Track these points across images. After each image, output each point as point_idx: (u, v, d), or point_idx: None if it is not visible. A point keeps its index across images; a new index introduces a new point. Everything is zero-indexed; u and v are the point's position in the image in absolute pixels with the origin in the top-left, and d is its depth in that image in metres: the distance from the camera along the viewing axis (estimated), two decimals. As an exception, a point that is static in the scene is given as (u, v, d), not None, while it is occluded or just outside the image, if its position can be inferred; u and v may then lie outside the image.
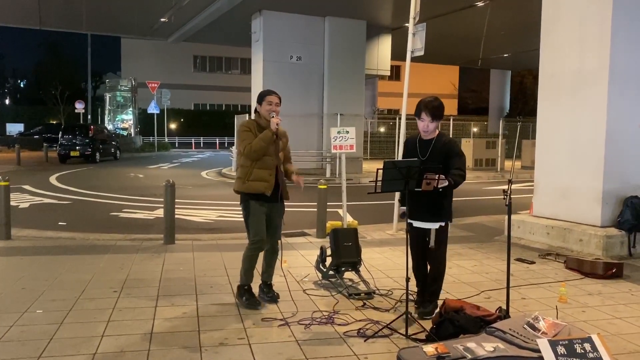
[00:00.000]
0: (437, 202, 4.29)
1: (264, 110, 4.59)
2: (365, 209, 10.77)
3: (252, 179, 4.48)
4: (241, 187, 4.54)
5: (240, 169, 4.58)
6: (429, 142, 4.36)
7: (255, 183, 4.47)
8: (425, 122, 4.29)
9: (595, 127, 6.83)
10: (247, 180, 4.49)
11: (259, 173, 4.48)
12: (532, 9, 11.34)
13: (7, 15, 20.92)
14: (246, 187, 4.50)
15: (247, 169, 4.50)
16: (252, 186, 4.48)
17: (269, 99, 4.58)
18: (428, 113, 4.26)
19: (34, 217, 9.47)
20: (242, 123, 4.64)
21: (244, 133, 4.51)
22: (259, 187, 4.47)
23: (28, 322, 4.11)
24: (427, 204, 4.29)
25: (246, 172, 4.50)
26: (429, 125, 4.29)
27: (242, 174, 4.53)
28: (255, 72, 19.16)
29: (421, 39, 8.10)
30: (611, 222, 6.81)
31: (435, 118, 4.28)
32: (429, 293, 4.43)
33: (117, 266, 5.88)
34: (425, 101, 4.32)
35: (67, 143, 22.94)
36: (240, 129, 4.59)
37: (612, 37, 6.61)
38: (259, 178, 4.48)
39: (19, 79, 58.49)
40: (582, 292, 5.17)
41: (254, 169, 4.48)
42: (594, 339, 3.04)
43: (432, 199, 4.25)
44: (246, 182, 4.49)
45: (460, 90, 49.76)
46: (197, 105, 47.73)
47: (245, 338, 3.85)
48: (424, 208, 4.31)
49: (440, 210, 4.32)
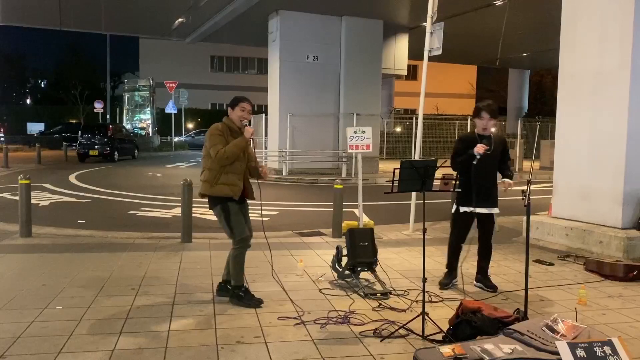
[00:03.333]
0: (495, 190, 5.11)
1: (236, 115, 4.57)
2: (382, 209, 10.74)
3: (220, 183, 4.46)
4: (209, 190, 4.50)
5: (207, 172, 4.52)
6: (489, 137, 5.05)
7: (224, 187, 4.47)
8: (484, 120, 5.02)
9: (616, 127, 6.72)
10: (216, 183, 4.46)
11: (228, 177, 4.47)
12: (551, 8, 11.21)
13: (28, 16, 21.24)
14: (214, 191, 4.48)
15: (214, 173, 4.47)
16: (221, 190, 4.47)
17: (243, 105, 4.57)
18: (488, 112, 5.00)
19: (53, 215, 9.61)
20: (214, 127, 4.57)
21: (216, 137, 4.45)
22: (228, 191, 4.47)
23: (48, 318, 4.18)
24: (490, 193, 5.07)
25: (214, 176, 4.47)
26: (488, 122, 5.02)
27: (210, 177, 4.49)
28: (272, 72, 19.21)
29: (439, 38, 8.04)
30: (632, 223, 6.70)
31: (493, 116, 5.03)
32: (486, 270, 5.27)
33: (135, 264, 5.94)
34: (484, 103, 5.13)
35: (86, 142, 23.23)
36: (212, 132, 4.51)
37: (634, 36, 6.50)
38: (228, 182, 4.47)
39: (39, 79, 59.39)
40: (602, 294, 5.09)
41: (222, 173, 4.46)
42: (614, 342, 2.99)
43: (492, 188, 5.08)
44: (214, 186, 4.47)
45: (478, 90, 49.29)
46: (214, 105, 47.94)
47: (261, 337, 3.86)
48: (488, 196, 5.05)
49: (497, 197, 5.15)
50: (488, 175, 5.06)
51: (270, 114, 19.29)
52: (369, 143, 7.33)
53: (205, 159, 4.60)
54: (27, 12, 20.52)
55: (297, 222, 9.09)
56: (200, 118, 44.26)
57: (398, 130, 29.34)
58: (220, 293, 4.78)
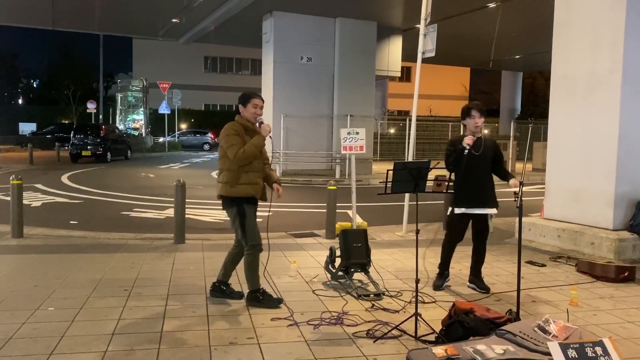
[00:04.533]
0: (490, 191, 5.11)
1: (249, 112, 4.50)
2: (375, 211, 10.75)
3: (242, 183, 4.41)
4: (229, 192, 4.44)
5: (227, 173, 4.45)
6: (479, 139, 5.04)
7: (246, 187, 4.42)
8: (475, 118, 5.00)
9: (607, 129, 6.77)
10: (237, 184, 4.41)
11: (249, 177, 4.42)
12: (544, 10, 11.29)
13: (21, 15, 21.11)
14: (236, 192, 4.42)
15: (234, 173, 4.41)
16: (243, 190, 4.42)
17: (255, 101, 4.51)
18: (477, 111, 5.01)
19: (46, 216, 9.55)
20: (229, 126, 4.48)
21: (233, 137, 4.39)
22: (250, 190, 4.43)
23: (40, 319, 4.15)
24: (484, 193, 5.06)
25: (234, 176, 4.41)
26: (478, 121, 5.00)
27: (229, 178, 4.42)
28: (266, 73, 19.20)
29: (432, 40, 8.08)
30: (623, 225, 6.75)
31: (483, 115, 5.04)
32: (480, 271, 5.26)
33: (127, 265, 5.92)
34: (472, 103, 5.19)
35: (79, 143, 23.10)
36: (228, 132, 4.44)
37: (625, 40, 6.56)
38: (249, 181, 4.43)
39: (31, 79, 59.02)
40: (593, 295, 5.13)
41: (242, 172, 4.41)
42: (605, 343, 3.01)
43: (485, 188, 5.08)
44: (235, 186, 4.41)
45: (471, 91, 49.51)
46: (207, 105, 47.88)
47: (254, 338, 3.86)
48: (482, 197, 5.06)
49: (494, 197, 5.13)
50: (481, 176, 5.08)
51: (263, 115, 19.21)
52: (363, 144, 7.34)
53: (222, 160, 4.50)
54: (20, 11, 20.40)
55: (291, 223, 9.09)
56: (193, 119, 44.16)
57: (391, 132, 29.41)
58: (214, 293, 4.77)
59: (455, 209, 5.12)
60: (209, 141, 38.58)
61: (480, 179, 5.08)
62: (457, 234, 5.22)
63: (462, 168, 4.96)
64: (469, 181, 5.01)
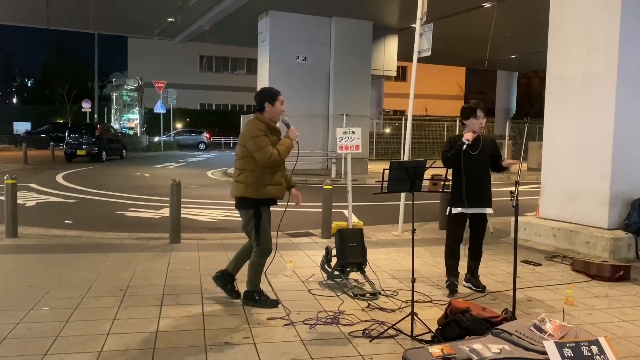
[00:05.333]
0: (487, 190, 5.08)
1: (277, 110, 4.40)
2: (371, 210, 10.75)
3: (268, 184, 4.30)
4: (255, 194, 4.30)
5: (250, 175, 4.30)
6: (478, 138, 4.99)
7: (272, 188, 4.33)
8: (480, 119, 5.01)
9: (602, 129, 6.79)
10: (263, 185, 4.29)
11: (274, 177, 4.33)
12: (539, 10, 11.30)
13: (15, 14, 21.02)
14: (261, 193, 4.30)
15: (258, 175, 4.28)
16: (269, 191, 4.32)
17: (282, 98, 4.45)
18: (483, 111, 5.02)
19: (40, 216, 9.51)
20: (254, 126, 4.32)
21: (263, 138, 4.23)
22: (276, 192, 4.36)
23: (34, 319, 4.13)
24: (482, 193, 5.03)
25: (259, 178, 4.28)
26: (482, 121, 5.02)
27: (254, 180, 4.28)
28: (261, 72, 19.17)
29: (428, 39, 8.08)
30: (618, 224, 6.77)
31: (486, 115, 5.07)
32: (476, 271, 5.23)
33: (122, 265, 5.90)
34: (475, 103, 5.11)
35: (74, 142, 23.01)
36: (255, 133, 4.26)
37: (620, 39, 6.58)
38: (275, 182, 4.34)
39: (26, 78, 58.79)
40: (588, 294, 5.14)
41: (267, 173, 4.30)
42: (601, 342, 3.02)
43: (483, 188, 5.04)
44: (261, 188, 4.29)
45: (466, 91, 49.56)
46: (203, 105, 47.82)
47: (250, 337, 3.85)
48: (480, 197, 5.02)
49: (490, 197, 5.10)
50: (479, 175, 5.05)
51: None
52: (359, 144, 7.33)
53: (244, 161, 4.34)
54: (14, 10, 20.31)
55: (286, 222, 9.02)
56: (189, 118, 44.09)
57: (387, 131, 29.43)
58: (218, 282, 4.70)
59: (452, 209, 5.10)
60: (205, 140, 38.52)
61: (478, 179, 5.04)
62: (455, 234, 5.17)
63: (460, 165, 4.93)
64: (466, 181, 4.98)
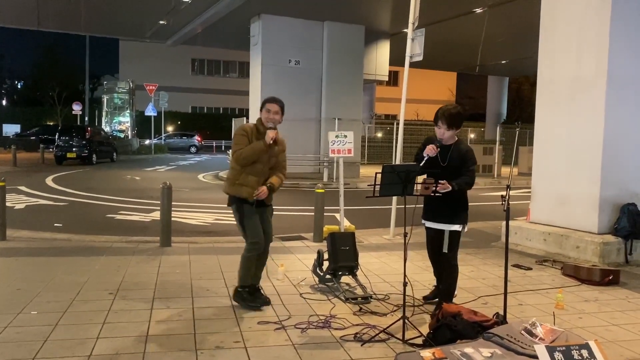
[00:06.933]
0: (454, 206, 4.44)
1: (263, 116, 4.62)
2: (363, 214, 10.76)
3: (239, 183, 4.52)
4: (228, 189, 4.61)
5: (230, 171, 4.67)
6: (448, 147, 4.47)
7: (242, 187, 4.51)
8: (441, 129, 4.41)
9: (592, 133, 6.85)
10: (235, 183, 4.54)
11: (247, 178, 4.51)
12: (529, 16, 11.39)
13: (5, 15, 20.86)
14: (233, 190, 4.56)
15: (236, 172, 4.56)
16: (238, 190, 4.53)
17: (268, 106, 4.61)
18: (444, 121, 4.38)
19: (29, 218, 9.42)
20: (241, 126, 4.68)
21: (240, 137, 4.55)
22: (243, 192, 4.51)
23: (23, 323, 4.08)
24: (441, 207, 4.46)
25: (235, 175, 4.56)
26: (445, 133, 4.41)
27: (231, 176, 4.60)
28: (254, 75, 19.17)
29: (420, 44, 8.11)
30: (608, 229, 6.82)
31: (452, 126, 4.38)
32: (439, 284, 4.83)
33: (113, 268, 5.85)
34: (443, 109, 4.44)
35: (64, 144, 22.84)
36: (237, 132, 4.62)
37: (610, 44, 6.64)
38: (246, 183, 4.51)
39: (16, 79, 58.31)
40: (578, 298, 5.17)
41: (243, 173, 4.52)
42: (591, 346, 3.03)
43: (449, 203, 4.39)
44: (234, 185, 4.55)
45: (457, 96, 49.85)
46: (194, 108, 47.72)
47: (241, 341, 3.83)
48: (438, 211, 4.50)
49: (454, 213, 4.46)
50: None
51: (251, 118, 19.22)
52: (351, 147, 7.34)
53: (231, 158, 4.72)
54: (3, 11, 20.16)
55: (278, 226, 9.01)
56: (180, 121, 43.94)
57: (379, 136, 29.50)
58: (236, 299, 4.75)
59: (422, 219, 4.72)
60: (196, 144, 38.42)
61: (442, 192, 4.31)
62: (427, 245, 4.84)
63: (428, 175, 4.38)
64: None
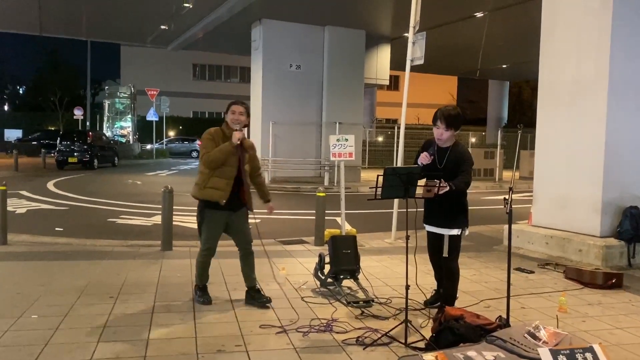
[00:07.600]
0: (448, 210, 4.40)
1: (229, 119, 4.67)
2: (364, 218, 10.74)
3: (208, 186, 4.56)
4: (197, 193, 4.64)
5: (199, 175, 4.67)
6: (445, 150, 4.44)
7: (211, 191, 4.55)
8: (440, 129, 4.38)
9: (594, 136, 6.83)
10: (204, 187, 4.58)
11: (215, 181, 4.56)
12: (530, 20, 11.42)
13: (7, 21, 20.95)
14: (202, 194, 4.61)
15: (205, 176, 4.60)
16: (207, 193, 4.57)
17: (233, 108, 4.68)
18: (443, 121, 4.35)
19: (30, 223, 9.41)
20: (207, 131, 4.71)
21: (205, 141, 4.60)
22: (214, 195, 4.55)
23: (23, 327, 4.07)
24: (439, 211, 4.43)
25: (204, 179, 4.59)
26: (444, 133, 4.37)
27: (200, 181, 4.62)
28: (255, 80, 19.19)
29: (421, 47, 8.11)
30: (610, 232, 6.80)
31: (450, 127, 4.36)
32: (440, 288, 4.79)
33: (113, 272, 5.84)
34: (442, 109, 4.41)
35: (65, 149, 22.86)
36: (204, 136, 4.65)
37: (611, 47, 6.63)
38: (215, 186, 4.55)
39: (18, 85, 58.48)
40: (582, 302, 5.14)
41: (211, 177, 4.57)
42: (595, 349, 3.01)
43: (442, 206, 4.36)
44: (203, 189, 4.59)
45: (458, 100, 49.83)
46: (196, 113, 47.72)
47: (242, 345, 3.81)
48: (437, 214, 4.47)
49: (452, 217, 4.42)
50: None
51: (252, 122, 19.25)
52: (352, 151, 7.34)
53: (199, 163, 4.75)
54: (6, 17, 20.24)
55: (280, 230, 9.04)
56: (181, 126, 43.98)
57: (380, 140, 29.50)
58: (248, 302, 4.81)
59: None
60: (197, 148, 38.43)
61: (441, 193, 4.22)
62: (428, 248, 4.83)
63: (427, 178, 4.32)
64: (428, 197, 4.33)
